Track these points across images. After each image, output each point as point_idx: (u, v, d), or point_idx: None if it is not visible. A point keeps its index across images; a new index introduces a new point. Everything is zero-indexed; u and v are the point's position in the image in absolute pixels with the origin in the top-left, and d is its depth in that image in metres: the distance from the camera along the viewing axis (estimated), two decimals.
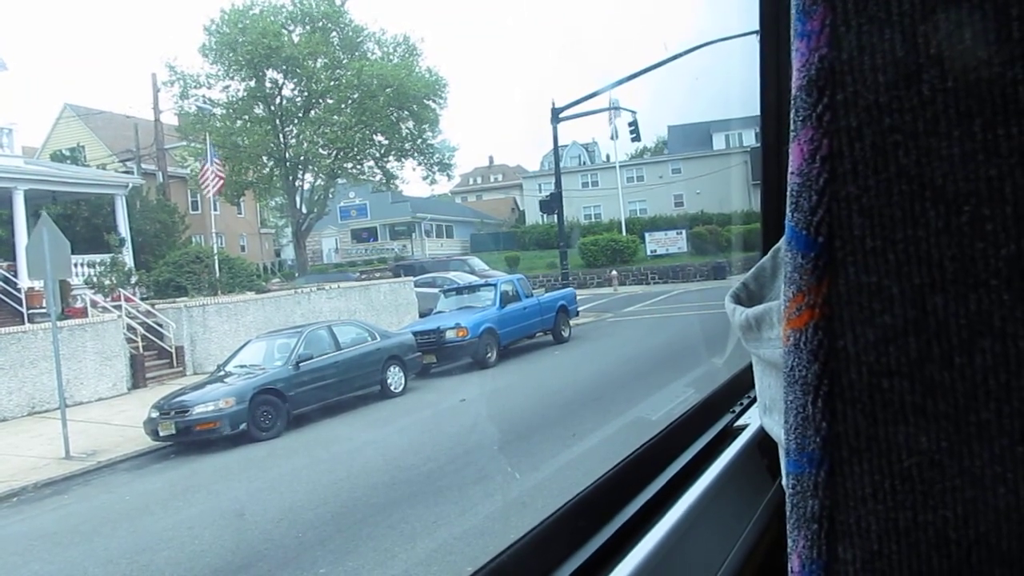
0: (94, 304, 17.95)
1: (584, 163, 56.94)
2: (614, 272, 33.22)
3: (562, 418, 10.40)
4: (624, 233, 38.95)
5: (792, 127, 0.45)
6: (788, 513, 0.49)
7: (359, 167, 40.99)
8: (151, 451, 11.59)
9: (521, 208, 56.16)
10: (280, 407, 11.67)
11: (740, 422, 2.16)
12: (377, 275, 23.36)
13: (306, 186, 38.56)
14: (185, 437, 11.22)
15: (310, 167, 36.58)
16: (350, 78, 35.56)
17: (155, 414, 11.50)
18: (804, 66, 0.44)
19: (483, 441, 9.73)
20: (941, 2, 0.41)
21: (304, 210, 38.94)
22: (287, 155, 36.05)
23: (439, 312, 16.93)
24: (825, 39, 0.43)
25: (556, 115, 21.55)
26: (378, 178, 40.67)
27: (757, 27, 2.20)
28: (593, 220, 47.53)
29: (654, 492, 1.65)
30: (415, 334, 15.12)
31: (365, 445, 10.60)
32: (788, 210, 0.46)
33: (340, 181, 41.97)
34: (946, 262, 0.42)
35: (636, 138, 27.25)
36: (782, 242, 0.49)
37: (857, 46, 0.43)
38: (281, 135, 36.65)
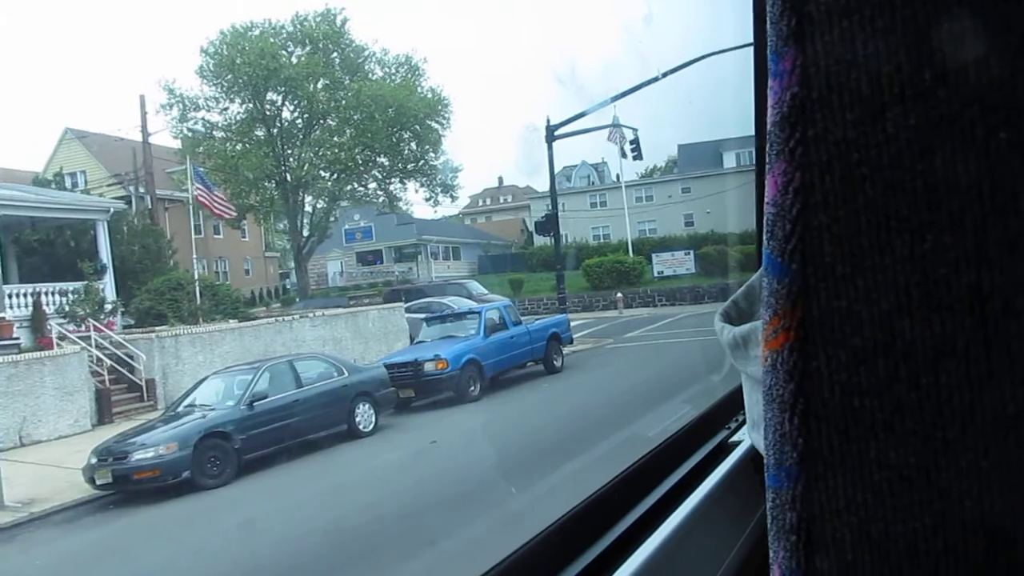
0: (63, 336, 16.90)
1: (593, 183, 55.95)
2: (619, 294, 32.01)
3: (533, 465, 9.22)
4: (631, 254, 37.70)
5: (767, 160, 0.48)
6: (769, 525, 0.51)
7: (363, 189, 40.12)
8: (92, 500, 10.46)
9: (530, 229, 55.13)
10: (229, 452, 10.53)
11: (735, 438, 2.19)
12: (366, 301, 22.20)
13: (307, 209, 37.69)
14: (123, 486, 10.10)
15: (310, 189, 35.60)
16: (350, 99, 34.67)
17: (94, 460, 10.37)
18: (777, 103, 0.47)
19: (442, 495, 8.56)
20: (904, 45, 0.43)
21: (305, 233, 38.04)
22: (287, 177, 35.12)
23: (420, 342, 15.78)
24: (796, 78, 0.46)
25: (551, 133, 20.45)
26: (381, 200, 39.68)
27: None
28: (602, 240, 46.41)
29: (649, 506, 1.69)
30: (391, 367, 13.97)
31: (314, 498, 9.42)
32: (764, 238, 0.48)
33: (343, 204, 41.12)
34: (912, 288, 0.44)
35: (638, 156, 26.15)
36: None
37: (826, 85, 0.45)
38: (282, 157, 35.78)
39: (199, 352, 17.05)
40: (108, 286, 21.09)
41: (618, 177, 54.54)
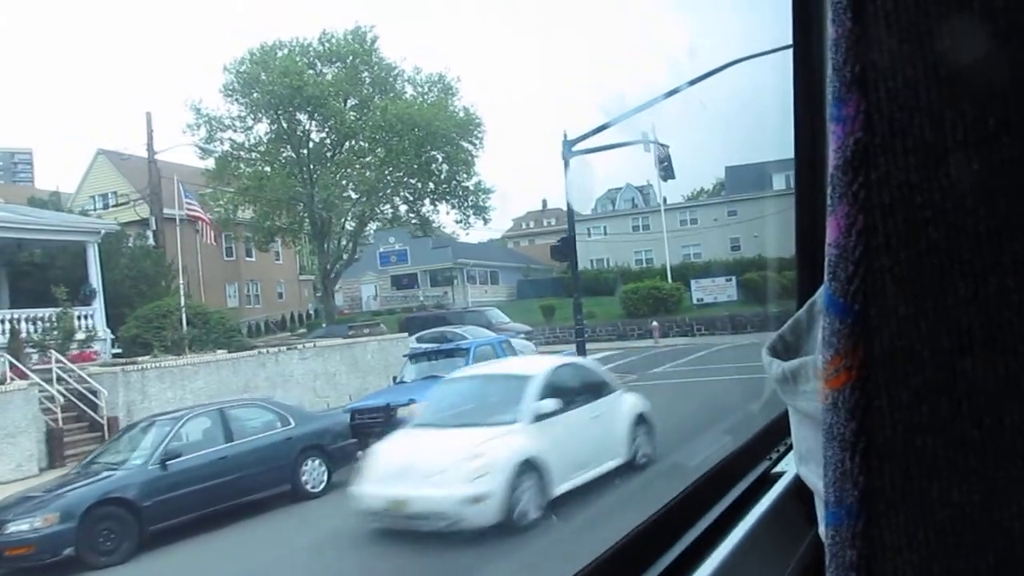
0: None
1: (638, 205, 53.57)
2: (655, 323, 29.57)
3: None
4: (669, 280, 35.23)
5: (829, 202, 0.48)
6: (827, 562, 0.50)
7: (393, 211, 38.46)
8: None
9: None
10: (129, 523, 8.57)
11: (777, 468, 2.14)
12: (367, 331, 20.22)
13: (336, 231, 36.10)
14: None
15: (336, 211, 33.95)
16: (376, 118, 33.03)
17: None
18: (840, 148, 0.47)
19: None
20: (966, 92, 0.44)
21: (333, 256, 36.46)
22: (314, 198, 33.53)
23: (401, 382, 13.70)
24: (860, 124, 0.46)
25: (569, 148, 18.33)
26: (413, 222, 37.91)
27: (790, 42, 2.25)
28: (644, 265, 44.00)
29: (693, 538, 1.66)
30: (360, 412, 11.96)
31: None
32: (826, 278, 0.48)
33: (372, 226, 39.51)
34: (975, 329, 0.44)
35: (668, 175, 23.83)
36: (817, 296, 0.54)
37: (889, 131, 0.45)
38: (309, 178, 34.26)
39: (168, 388, 15.27)
40: (98, 312, 19.54)
41: (665, 200, 52.35)
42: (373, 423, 11.82)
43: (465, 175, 36.04)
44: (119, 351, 19.40)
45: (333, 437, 10.73)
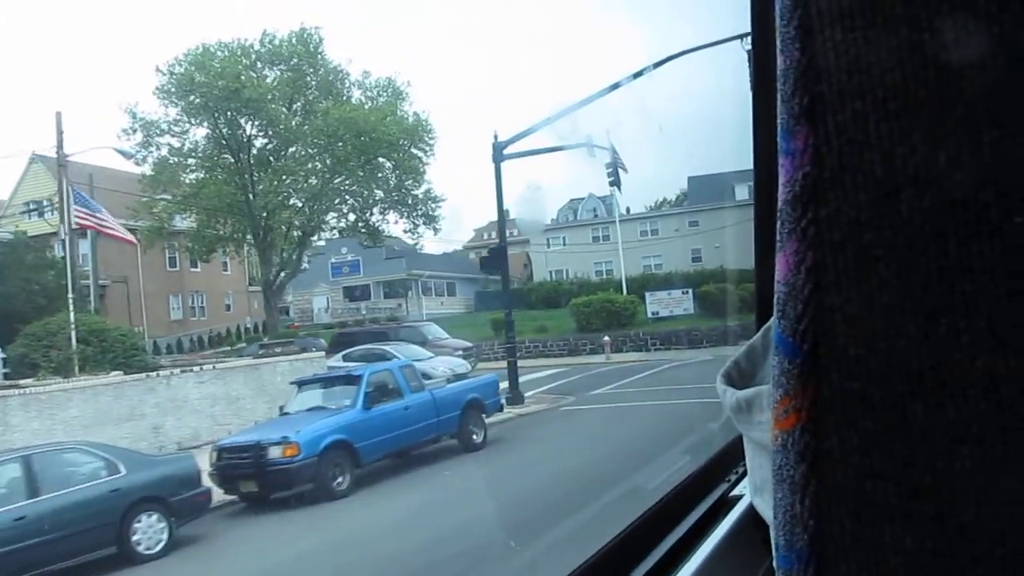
0: None
1: (599, 215, 52.07)
2: (607, 338, 27.90)
3: None
4: (624, 292, 33.62)
5: (778, 239, 0.47)
6: None
7: (344, 219, 36.57)
8: None
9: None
10: None
11: (735, 492, 2.09)
12: (278, 350, 18.34)
13: (279, 240, 34.15)
14: None
15: (275, 219, 32.02)
16: (317, 123, 31.17)
17: None
18: (789, 182, 0.46)
19: None
20: (917, 127, 0.42)
21: (277, 267, 34.52)
22: (252, 206, 31.57)
23: (285, 413, 11.87)
24: (808, 158, 0.45)
25: (499, 151, 16.62)
26: (362, 231, 36.04)
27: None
28: (605, 276, 42.46)
29: (650, 566, 1.64)
30: (227, 451, 10.14)
31: None
32: (775, 316, 0.47)
33: (320, 236, 37.62)
34: (926, 372, 0.43)
35: (615, 182, 22.22)
36: (772, 321, 0.49)
37: (839, 165, 0.44)
38: (249, 185, 32.30)
39: (35, 418, 13.30)
40: None
41: (628, 210, 50.98)
42: (241, 464, 10.01)
43: (414, 183, 34.19)
44: (8, 371, 17.45)
45: (177, 485, 8.89)
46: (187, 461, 9.47)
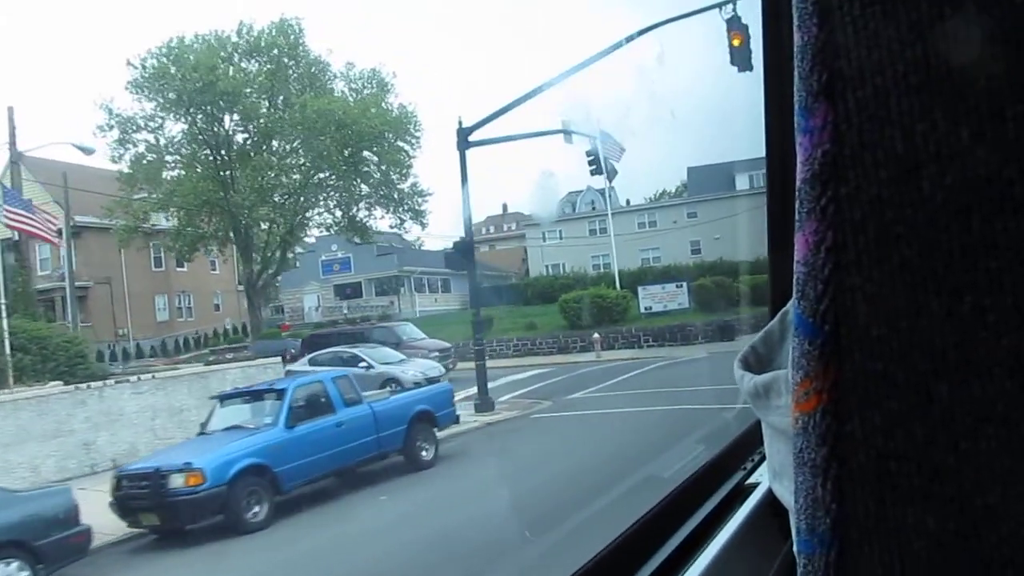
0: None
1: (597, 208, 50.62)
2: (596, 335, 26.46)
3: None
4: (618, 286, 32.17)
5: (797, 218, 0.46)
6: None
7: (331, 215, 35.24)
8: None
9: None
10: None
11: (751, 480, 2.07)
12: (229, 356, 16.96)
13: (260, 237, 32.86)
14: None
15: (253, 215, 30.69)
16: (295, 116, 29.81)
17: None
18: (807, 160, 0.45)
19: None
20: (939, 103, 0.41)
21: (260, 265, 33.23)
22: (231, 202, 30.22)
23: (202, 434, 10.49)
24: (828, 135, 0.44)
25: (464, 138, 15.22)
26: (341, 226, 34.71)
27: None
28: (603, 271, 41.01)
29: (665, 556, 1.62)
30: (126, 480, 8.80)
31: None
32: (795, 297, 0.46)
33: (306, 232, 36.32)
34: (949, 351, 0.42)
35: (597, 171, 20.80)
36: (790, 307, 0.49)
37: (859, 143, 0.43)
38: (228, 181, 30.97)
39: None
40: None
41: (628, 202, 49.59)
42: (141, 494, 8.67)
43: (400, 177, 32.78)
44: None
45: (44, 526, 7.52)
46: (61, 496, 8.10)
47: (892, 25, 0.41)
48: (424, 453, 11.26)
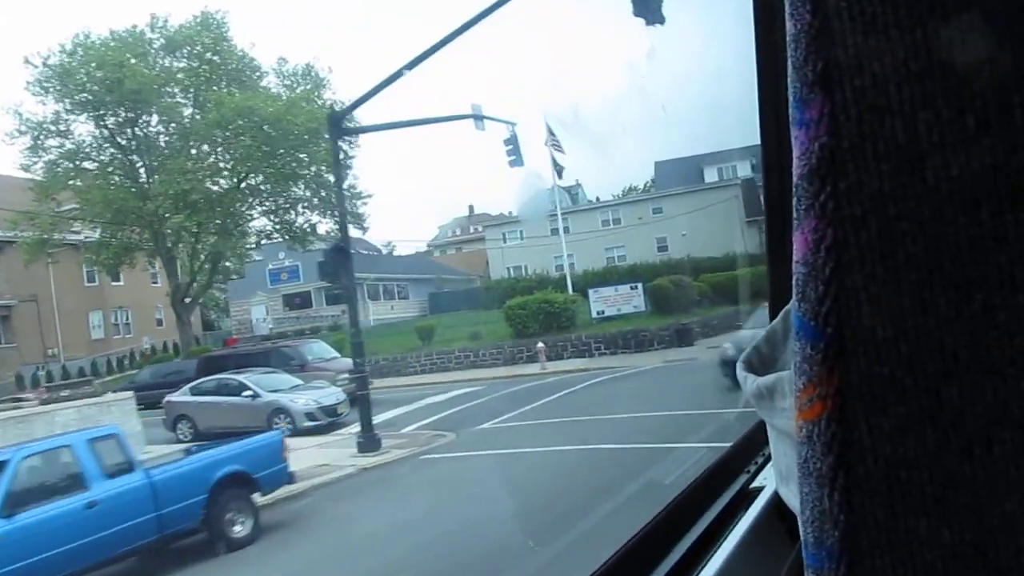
0: None
1: (565, 207, 47.87)
2: (541, 344, 23.72)
3: None
4: (570, 289, 29.44)
5: (795, 216, 0.44)
6: None
7: (268, 221, 32.45)
8: None
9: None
10: None
11: (756, 483, 1.95)
12: (65, 392, 14.11)
13: (185, 247, 30.04)
14: None
15: (169, 224, 27.82)
16: (211, 116, 26.95)
17: None
18: (804, 155, 0.43)
19: None
20: (941, 90, 0.40)
21: (186, 276, 30.41)
22: (145, 211, 27.34)
23: None
24: (825, 128, 0.42)
25: (336, 125, 12.46)
26: (274, 232, 31.92)
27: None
28: (566, 272, 38.30)
29: (673, 563, 1.55)
30: None
31: None
32: (795, 299, 0.44)
33: (251, 243, 33.52)
34: (959, 351, 0.40)
35: (516, 161, 18.14)
36: (791, 305, 0.46)
37: (858, 134, 0.41)
38: (145, 186, 28.11)
39: None
40: None
41: (598, 199, 46.99)
42: None
43: (330, 177, 29.94)
44: None
45: None
46: None
47: (890, 9, 0.39)
48: (236, 528, 8.45)
